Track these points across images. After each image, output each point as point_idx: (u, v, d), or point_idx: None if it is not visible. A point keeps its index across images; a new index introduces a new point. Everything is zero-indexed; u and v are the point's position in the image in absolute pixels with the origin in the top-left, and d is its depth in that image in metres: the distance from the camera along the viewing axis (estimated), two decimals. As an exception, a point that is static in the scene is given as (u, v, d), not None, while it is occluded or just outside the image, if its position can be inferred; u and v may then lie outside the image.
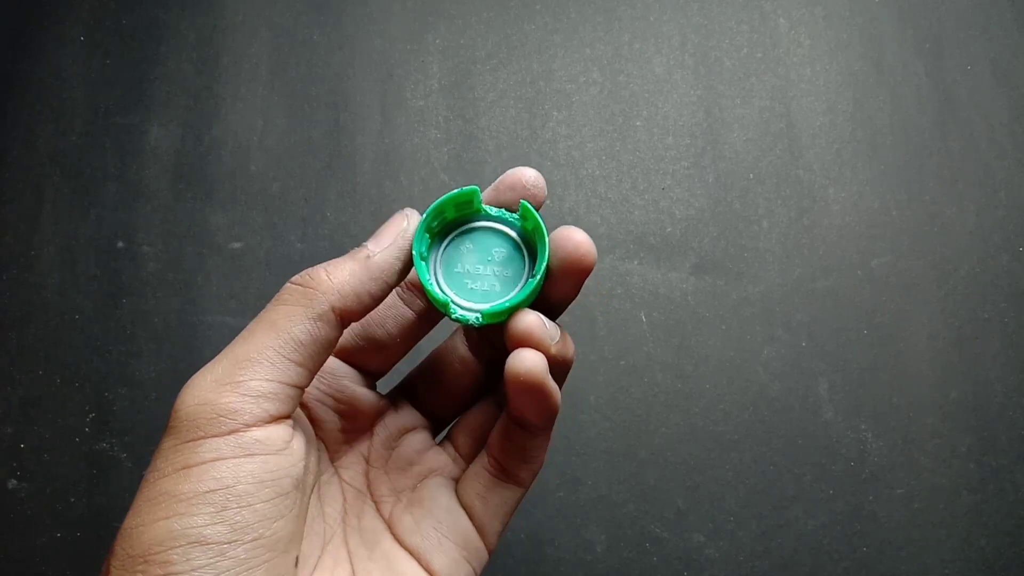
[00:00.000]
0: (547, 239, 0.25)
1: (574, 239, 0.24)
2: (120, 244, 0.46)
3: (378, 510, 0.27)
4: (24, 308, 0.45)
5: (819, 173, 0.47)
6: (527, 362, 0.23)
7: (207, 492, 0.20)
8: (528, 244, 0.27)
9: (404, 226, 0.24)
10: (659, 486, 0.41)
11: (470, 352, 0.28)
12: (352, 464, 0.27)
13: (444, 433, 0.29)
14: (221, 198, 0.47)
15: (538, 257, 0.25)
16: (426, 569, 0.25)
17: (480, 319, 0.25)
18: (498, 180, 0.27)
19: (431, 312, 0.27)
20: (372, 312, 0.25)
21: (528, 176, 0.27)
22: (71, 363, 0.44)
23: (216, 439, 0.21)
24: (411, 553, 0.25)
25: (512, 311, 0.24)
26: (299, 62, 0.50)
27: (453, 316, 0.25)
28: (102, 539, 0.41)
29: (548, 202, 0.47)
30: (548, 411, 0.25)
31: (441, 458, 0.28)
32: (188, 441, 0.21)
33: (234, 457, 0.21)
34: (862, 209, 0.46)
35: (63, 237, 0.46)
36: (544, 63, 0.50)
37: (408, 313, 0.27)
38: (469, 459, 0.28)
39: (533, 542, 0.40)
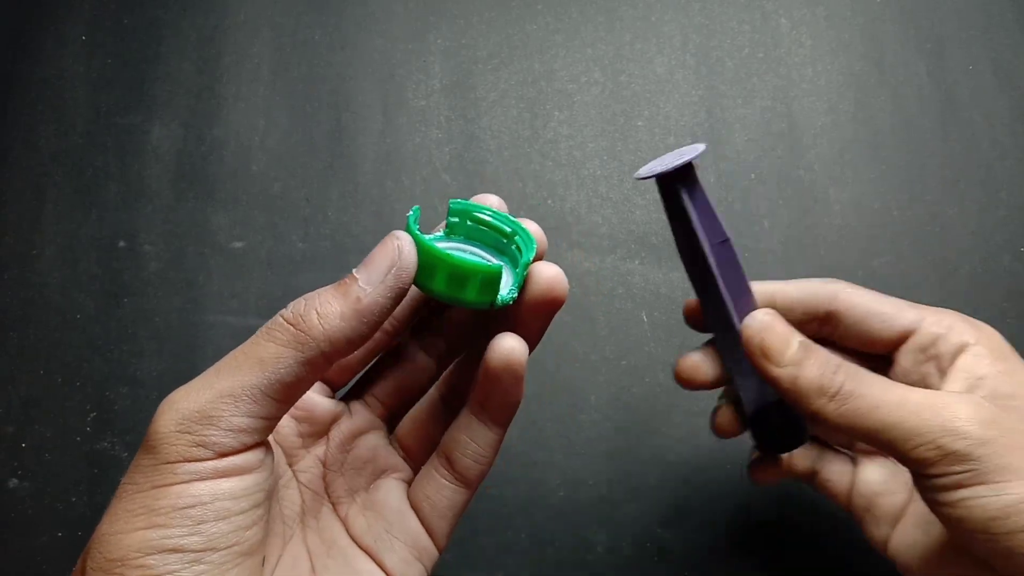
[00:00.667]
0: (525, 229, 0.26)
1: (546, 274, 0.26)
2: (121, 244, 0.46)
3: (335, 510, 0.28)
4: (25, 308, 0.45)
5: (820, 173, 0.47)
6: (510, 343, 0.24)
7: (184, 508, 0.21)
8: (501, 250, 0.28)
9: (395, 257, 0.23)
10: (659, 486, 0.41)
11: (421, 351, 0.29)
12: (309, 468, 0.28)
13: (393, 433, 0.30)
14: (223, 198, 0.47)
15: (523, 248, 0.26)
16: (380, 566, 0.26)
17: (514, 289, 0.25)
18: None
19: (398, 325, 0.28)
20: None
21: (492, 202, 0.28)
22: (72, 363, 0.44)
23: (195, 463, 0.21)
24: (366, 552, 0.27)
25: (526, 268, 0.25)
26: (300, 62, 0.50)
27: (500, 291, 0.25)
28: (103, 539, 0.41)
29: (549, 202, 0.47)
30: (515, 399, 0.26)
31: (394, 459, 0.29)
32: (167, 462, 0.21)
33: (212, 478, 0.22)
34: (863, 209, 0.46)
35: (64, 237, 0.46)
36: (546, 63, 0.50)
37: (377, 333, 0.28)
38: (416, 458, 0.29)
39: (533, 542, 0.40)
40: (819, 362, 0.27)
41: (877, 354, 0.31)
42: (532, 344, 0.27)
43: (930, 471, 0.25)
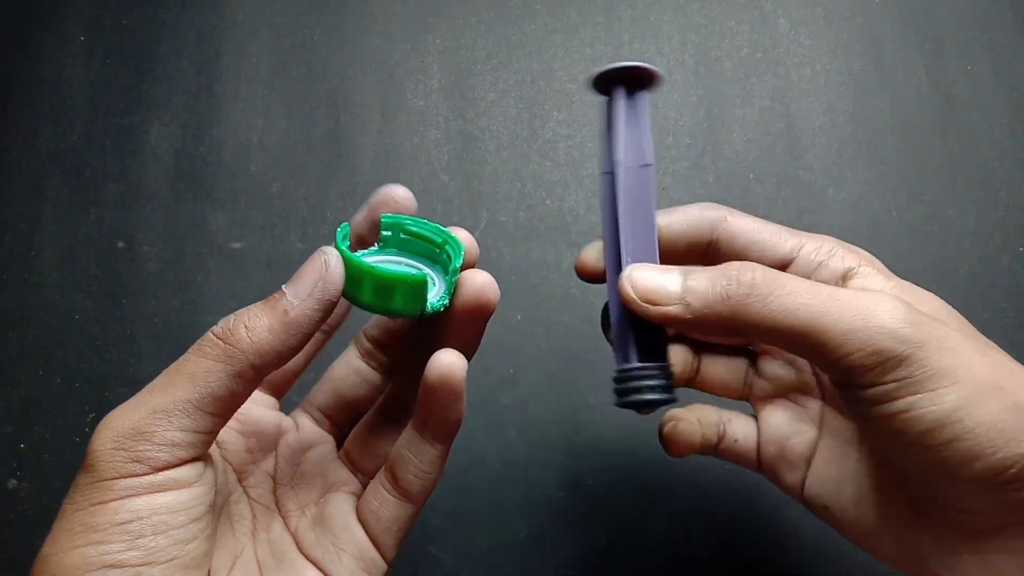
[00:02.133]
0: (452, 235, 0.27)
1: (477, 282, 0.26)
2: (120, 244, 0.46)
3: (286, 524, 0.28)
4: (24, 308, 0.45)
5: (819, 173, 0.47)
6: (449, 358, 0.24)
7: (122, 523, 0.21)
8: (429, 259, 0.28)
9: (321, 271, 0.24)
10: (660, 486, 0.41)
11: (366, 365, 0.30)
12: (259, 483, 0.28)
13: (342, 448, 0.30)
14: (221, 198, 0.47)
15: (453, 256, 0.26)
16: None
17: (445, 296, 0.26)
18: (372, 201, 0.28)
19: (328, 325, 0.29)
20: None
21: (399, 193, 0.28)
22: (71, 363, 0.44)
23: (131, 479, 0.22)
24: (315, 564, 0.27)
25: (456, 274, 0.26)
26: (299, 62, 0.50)
27: (431, 299, 0.25)
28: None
29: (548, 202, 0.47)
30: (455, 417, 0.25)
31: (343, 473, 0.29)
32: (104, 479, 0.22)
33: (148, 493, 0.22)
34: (862, 209, 0.46)
35: (63, 237, 0.46)
36: (544, 63, 0.50)
37: None
38: (365, 471, 0.29)
39: (533, 542, 0.40)
40: (706, 275, 0.25)
41: None
42: (469, 352, 0.27)
43: (864, 379, 0.23)
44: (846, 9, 0.51)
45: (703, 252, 0.29)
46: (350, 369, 0.30)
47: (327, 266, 0.24)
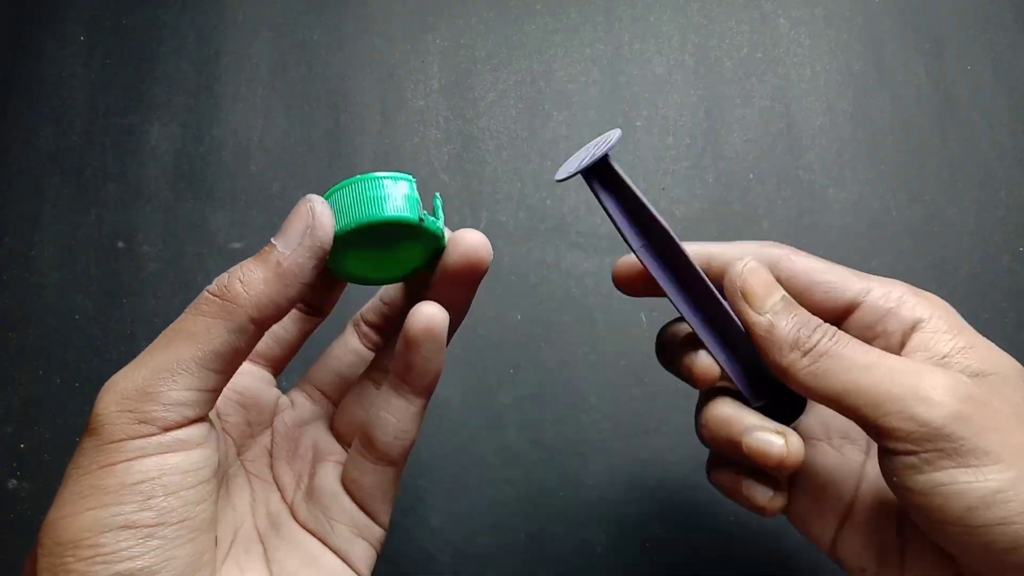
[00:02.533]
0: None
1: (469, 239, 0.26)
2: (120, 244, 0.46)
3: (283, 497, 0.28)
4: (24, 308, 0.45)
5: (819, 173, 0.47)
6: (430, 309, 0.25)
7: (133, 484, 0.21)
8: None
9: (308, 219, 0.24)
10: (659, 486, 0.41)
11: (364, 346, 0.30)
12: (257, 457, 0.29)
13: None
14: (221, 198, 0.47)
15: (437, 206, 0.27)
16: (327, 546, 0.27)
17: (439, 221, 0.26)
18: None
19: (322, 301, 0.29)
20: None
21: (476, 240, 0.27)
22: (71, 363, 0.44)
23: (140, 439, 0.22)
24: (312, 534, 0.27)
25: (442, 220, 0.26)
26: (299, 62, 0.50)
27: (436, 227, 0.25)
28: (102, 539, 0.41)
29: (548, 202, 0.47)
30: (436, 368, 0.26)
31: (332, 445, 0.29)
32: (112, 442, 0.22)
33: (157, 454, 0.22)
34: (862, 209, 0.46)
35: (63, 237, 0.46)
36: (544, 63, 0.50)
37: (298, 310, 0.29)
38: (348, 441, 0.29)
39: (533, 542, 0.40)
40: (799, 318, 0.26)
41: None
42: (459, 316, 0.27)
43: (899, 446, 0.23)
44: (846, 9, 0.51)
45: None
46: (347, 349, 0.30)
47: (313, 212, 0.24)
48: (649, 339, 0.44)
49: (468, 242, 0.26)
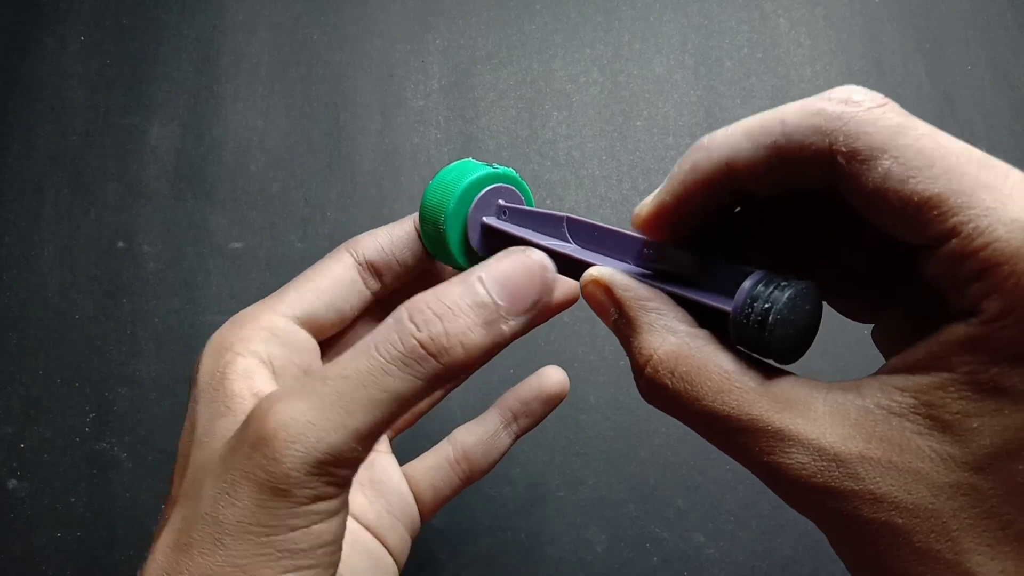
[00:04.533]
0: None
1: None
2: (120, 244, 0.46)
3: None
4: (24, 308, 0.45)
5: (819, 173, 0.47)
6: (560, 373, 0.33)
7: (322, 545, 0.21)
8: None
9: (541, 293, 0.21)
10: (659, 486, 0.41)
11: (362, 281, 0.30)
12: None
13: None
14: (221, 198, 0.47)
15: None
16: (364, 526, 0.30)
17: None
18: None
19: None
20: None
21: (558, 379, 0.34)
22: (71, 363, 0.44)
23: (327, 501, 0.21)
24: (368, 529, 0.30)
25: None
26: (299, 62, 0.50)
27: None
28: (102, 539, 0.41)
29: (548, 202, 0.47)
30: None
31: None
32: (303, 504, 0.20)
33: (340, 513, 0.22)
34: (862, 209, 0.46)
35: (63, 237, 0.46)
36: (544, 63, 0.50)
37: None
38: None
39: (533, 542, 0.40)
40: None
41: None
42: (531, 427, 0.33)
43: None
44: (846, 9, 0.51)
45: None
46: (346, 283, 0.28)
47: (544, 286, 0.21)
48: (649, 339, 0.44)
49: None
